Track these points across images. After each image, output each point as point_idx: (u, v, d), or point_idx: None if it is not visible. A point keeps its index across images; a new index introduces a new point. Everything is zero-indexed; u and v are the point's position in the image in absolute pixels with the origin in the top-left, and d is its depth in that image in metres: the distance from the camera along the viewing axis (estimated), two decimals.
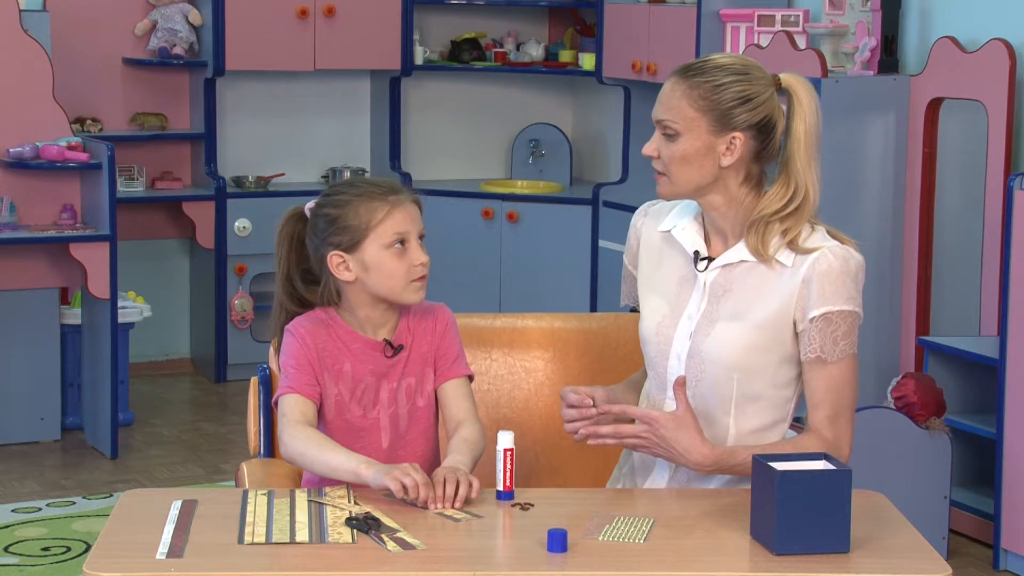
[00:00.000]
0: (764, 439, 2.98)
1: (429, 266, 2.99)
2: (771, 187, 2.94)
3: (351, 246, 2.95)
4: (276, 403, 3.00)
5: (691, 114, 2.91)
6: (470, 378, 3.08)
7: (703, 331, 2.97)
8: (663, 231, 3.09)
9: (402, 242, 2.95)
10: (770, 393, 2.97)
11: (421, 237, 2.98)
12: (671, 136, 2.93)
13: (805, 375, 2.94)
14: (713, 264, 2.99)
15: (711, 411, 2.98)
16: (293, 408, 2.94)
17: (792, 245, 2.92)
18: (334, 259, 2.97)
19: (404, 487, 2.74)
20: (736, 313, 2.95)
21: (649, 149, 2.97)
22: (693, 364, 2.98)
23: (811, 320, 2.89)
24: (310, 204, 3.02)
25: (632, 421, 2.95)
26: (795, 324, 2.92)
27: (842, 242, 2.94)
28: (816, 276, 2.89)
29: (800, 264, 2.91)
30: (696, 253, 3.01)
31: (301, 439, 2.90)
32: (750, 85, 2.91)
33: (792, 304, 2.91)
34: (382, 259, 2.94)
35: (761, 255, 2.93)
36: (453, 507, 2.76)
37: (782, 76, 2.96)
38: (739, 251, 2.96)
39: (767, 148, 2.94)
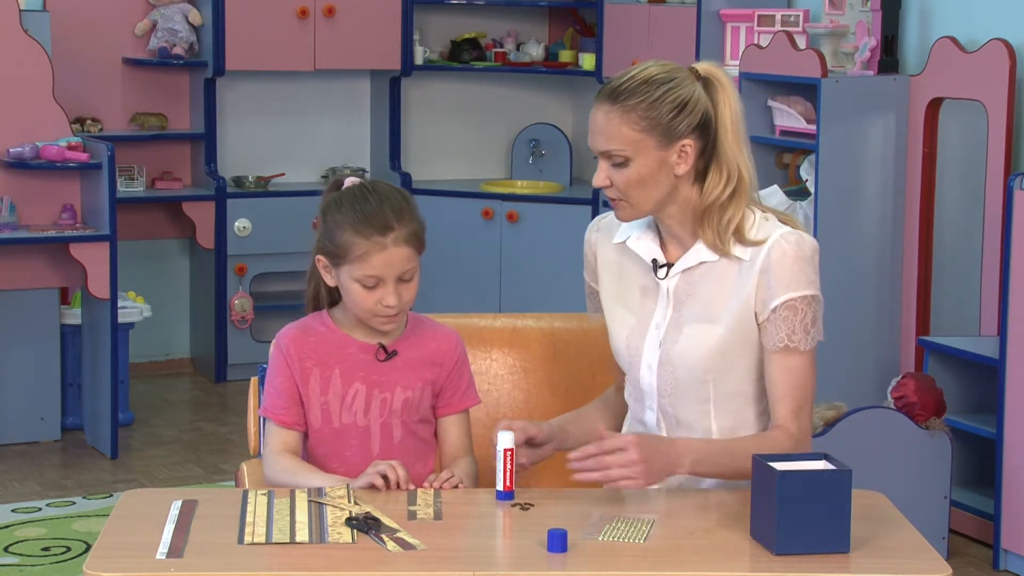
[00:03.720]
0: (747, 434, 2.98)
1: (403, 306, 2.94)
2: (708, 178, 2.93)
3: (333, 261, 2.96)
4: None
5: (635, 137, 2.89)
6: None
7: (671, 338, 2.96)
8: (618, 243, 3.07)
9: (375, 282, 2.93)
10: (747, 388, 2.97)
11: (407, 279, 2.93)
12: (621, 164, 2.90)
13: (768, 366, 2.92)
14: (673, 270, 2.97)
15: (689, 417, 2.98)
16: (274, 437, 3.02)
17: (739, 235, 2.91)
18: (321, 260, 2.99)
19: (383, 476, 2.84)
20: (702, 315, 2.94)
21: (599, 180, 2.93)
22: (665, 372, 2.97)
23: (774, 310, 2.88)
24: (350, 181, 3.00)
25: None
26: (756, 316, 2.92)
27: (793, 227, 2.94)
28: (773, 264, 2.88)
29: (756, 256, 2.90)
30: (654, 261, 3.00)
31: (279, 471, 2.98)
32: (680, 89, 2.89)
33: (752, 296, 2.90)
34: (352, 288, 2.94)
35: (719, 248, 2.92)
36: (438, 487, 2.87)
37: (698, 66, 2.95)
38: (696, 253, 2.95)
39: (708, 143, 2.92)
